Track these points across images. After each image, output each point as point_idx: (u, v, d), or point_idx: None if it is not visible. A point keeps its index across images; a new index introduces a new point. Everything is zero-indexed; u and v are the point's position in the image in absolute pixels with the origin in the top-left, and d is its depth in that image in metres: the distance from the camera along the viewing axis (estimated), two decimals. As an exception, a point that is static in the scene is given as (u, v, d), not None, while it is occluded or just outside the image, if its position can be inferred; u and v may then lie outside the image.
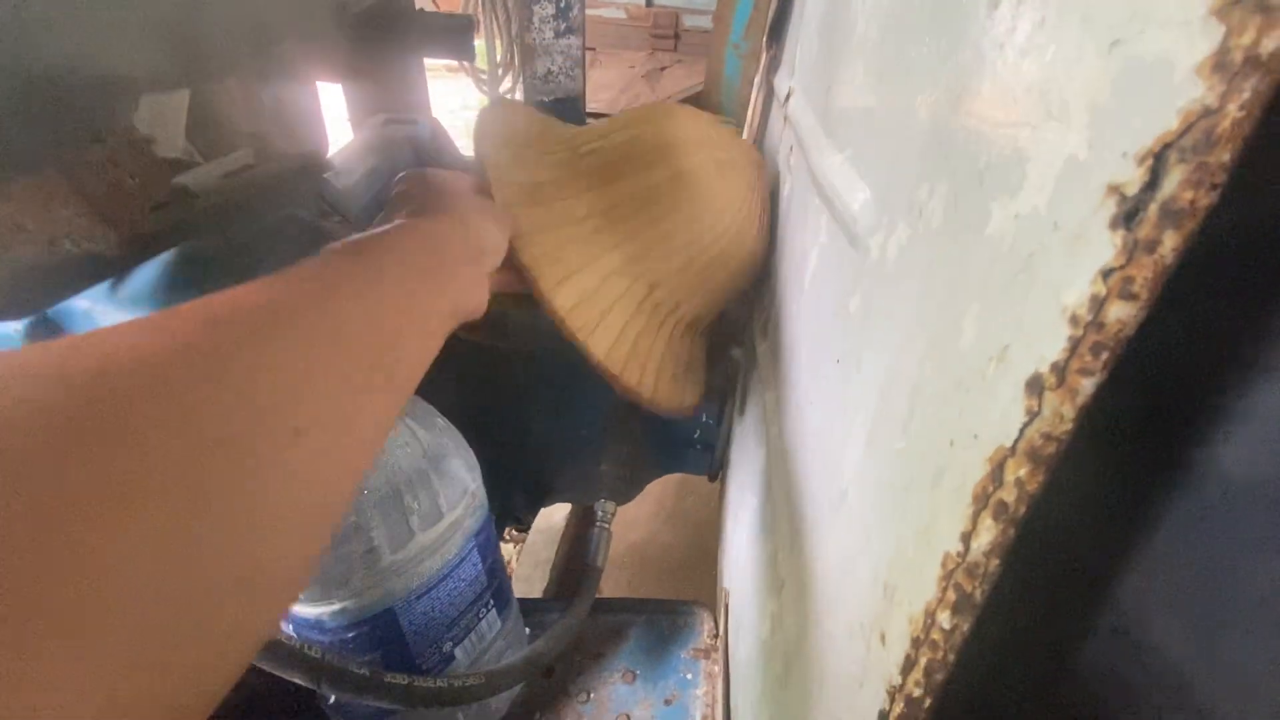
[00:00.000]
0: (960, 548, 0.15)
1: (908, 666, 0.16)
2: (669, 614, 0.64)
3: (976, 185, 0.17)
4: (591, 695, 0.58)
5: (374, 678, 0.39)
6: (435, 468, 0.44)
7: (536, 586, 1.25)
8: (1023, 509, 0.13)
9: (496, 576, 0.51)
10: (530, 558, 1.33)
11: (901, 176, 0.24)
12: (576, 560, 1.43)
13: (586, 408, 0.71)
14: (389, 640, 0.43)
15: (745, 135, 0.68)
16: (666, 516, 1.69)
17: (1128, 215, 0.11)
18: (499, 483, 0.78)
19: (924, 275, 0.20)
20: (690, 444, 0.76)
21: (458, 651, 0.48)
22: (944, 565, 0.15)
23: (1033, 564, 0.15)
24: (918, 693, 0.16)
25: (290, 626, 0.42)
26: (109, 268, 0.46)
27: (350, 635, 0.41)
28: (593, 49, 3.35)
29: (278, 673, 0.36)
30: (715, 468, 0.77)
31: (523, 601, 0.63)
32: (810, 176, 0.38)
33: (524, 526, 0.79)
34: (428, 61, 0.97)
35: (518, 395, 0.72)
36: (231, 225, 0.55)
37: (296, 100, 0.63)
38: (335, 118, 0.93)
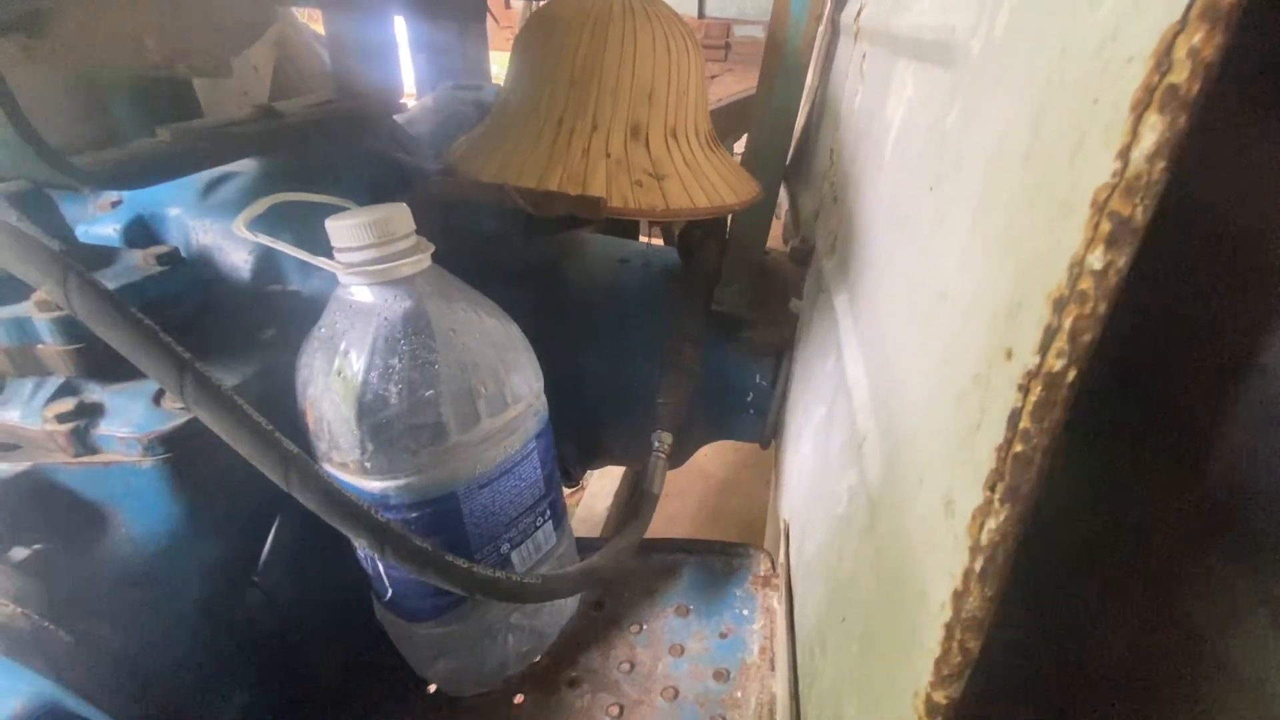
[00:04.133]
0: (1116, 165, 0.13)
1: (1048, 339, 0.15)
2: (723, 555, 0.62)
3: None
4: (644, 627, 0.56)
5: (436, 554, 0.39)
6: (502, 359, 0.44)
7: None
8: (1197, 87, 0.12)
9: (554, 489, 0.51)
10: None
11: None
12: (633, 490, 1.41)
13: (638, 361, 0.71)
14: (450, 527, 0.43)
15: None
16: (709, 515, 1.66)
17: None
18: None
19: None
20: (743, 409, 0.74)
21: (514, 556, 0.47)
22: (1094, 203, 0.14)
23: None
24: (1059, 365, 0.14)
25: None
26: (202, 160, 0.49)
27: (414, 516, 0.41)
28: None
29: (345, 530, 0.36)
30: (769, 433, 0.75)
31: (578, 540, 0.62)
32: (890, 49, 0.38)
33: (573, 481, 0.79)
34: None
35: (572, 348, 0.72)
36: (311, 147, 0.58)
37: (376, 45, 0.67)
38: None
